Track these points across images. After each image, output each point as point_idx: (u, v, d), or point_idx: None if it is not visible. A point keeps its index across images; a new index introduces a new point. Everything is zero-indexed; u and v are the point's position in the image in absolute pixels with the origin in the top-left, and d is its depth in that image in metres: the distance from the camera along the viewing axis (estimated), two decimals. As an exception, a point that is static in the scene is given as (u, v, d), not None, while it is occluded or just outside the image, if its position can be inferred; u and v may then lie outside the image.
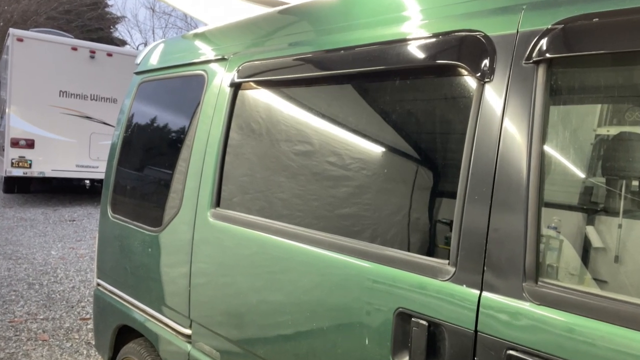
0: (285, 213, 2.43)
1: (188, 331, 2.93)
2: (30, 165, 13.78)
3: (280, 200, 2.47)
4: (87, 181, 18.87)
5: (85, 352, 5.33)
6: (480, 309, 1.68)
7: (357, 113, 2.23)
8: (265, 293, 2.41)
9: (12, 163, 13.56)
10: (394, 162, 2.07)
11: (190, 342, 2.93)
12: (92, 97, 14.50)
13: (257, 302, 2.45)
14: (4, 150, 13.96)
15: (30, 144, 13.73)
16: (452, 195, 1.85)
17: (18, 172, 13.68)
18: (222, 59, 3.02)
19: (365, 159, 2.16)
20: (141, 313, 3.37)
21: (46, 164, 13.97)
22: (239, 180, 2.71)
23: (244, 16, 3.09)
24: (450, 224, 1.85)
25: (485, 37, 1.82)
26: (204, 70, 3.14)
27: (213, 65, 3.08)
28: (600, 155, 1.65)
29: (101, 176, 14.36)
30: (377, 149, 2.13)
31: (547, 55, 1.65)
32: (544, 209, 1.64)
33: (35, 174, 13.89)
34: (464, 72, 1.88)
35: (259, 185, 2.59)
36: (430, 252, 1.91)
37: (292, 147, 2.47)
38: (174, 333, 3.05)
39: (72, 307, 6.61)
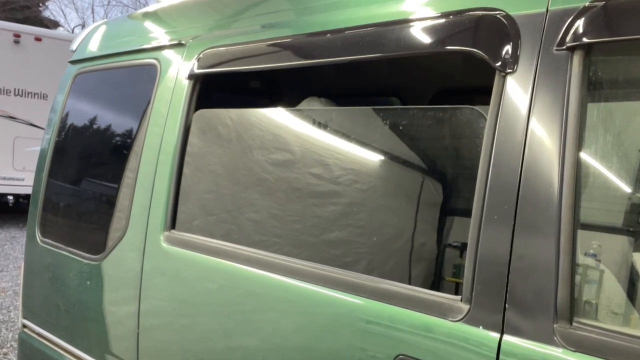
0: (259, 238, 2.42)
1: (137, 385, 2.91)
2: None
3: (252, 223, 2.46)
4: (10, 197, 18.66)
5: (7, 412, 5.28)
6: (501, 356, 1.67)
7: (348, 113, 2.24)
8: (235, 337, 2.40)
9: None
10: (394, 173, 2.07)
11: (139, 399, 2.91)
12: (17, 92, 14.39)
13: (225, 349, 2.44)
14: None
15: None
16: (466, 214, 1.84)
17: None
18: (179, 45, 3.01)
19: (359, 170, 2.16)
20: (78, 362, 3.33)
21: (-44, 176, 13.83)
22: (201, 197, 2.70)
23: (206, -9, 3.09)
24: (463, 251, 1.85)
25: (507, 17, 1.83)
26: (156, 59, 3.13)
27: (167, 53, 3.08)
28: (649, 164, 1.66)
29: (28, 191, 14.10)
30: (373, 158, 2.13)
31: (585, 39, 1.65)
32: (580, 232, 1.64)
33: (-57, 190, 13.75)
34: (481, 61, 1.88)
35: (226, 204, 2.58)
36: (438, 286, 1.91)
37: (268, 155, 2.46)
38: (119, 388, 3.03)
39: (-9, 355, 6.56)
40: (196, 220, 2.70)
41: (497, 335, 1.69)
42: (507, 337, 1.67)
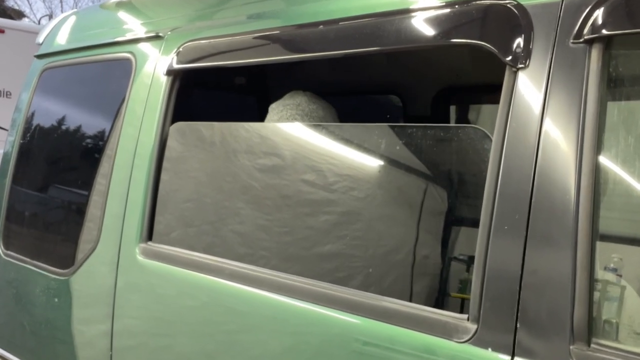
0: (244, 251, 2.42)
1: (110, 414, 2.89)
2: None
3: (237, 234, 2.45)
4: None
5: None
6: (513, 381, 1.67)
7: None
8: (217, 360, 2.39)
9: None
10: (394, 179, 2.07)
11: None
12: (-23, 90, 14.39)
13: (205, 373, 2.43)
14: None
15: None
16: (473, 223, 1.84)
17: None
18: (156, 37, 3.01)
19: (355, 176, 2.15)
20: (44, 388, 3.32)
21: None
22: (181, 206, 2.69)
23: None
24: (470, 264, 1.84)
25: (519, 6, 1.82)
26: (131, 53, 3.12)
27: (143, 46, 3.07)
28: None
29: (-10, 197, 14.13)
30: (370, 162, 2.13)
31: (604, 31, 1.64)
32: (599, 244, 1.64)
33: None
34: (489, 55, 1.88)
35: (208, 213, 2.57)
36: (442, 303, 1.90)
37: (255, 160, 2.46)
38: (90, 416, 3.01)
39: (-51, 380, 6.52)
40: (175, 231, 2.70)
41: (507, 358, 1.68)
42: (518, 360, 1.67)
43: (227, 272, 2.40)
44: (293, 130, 2.39)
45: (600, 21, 1.65)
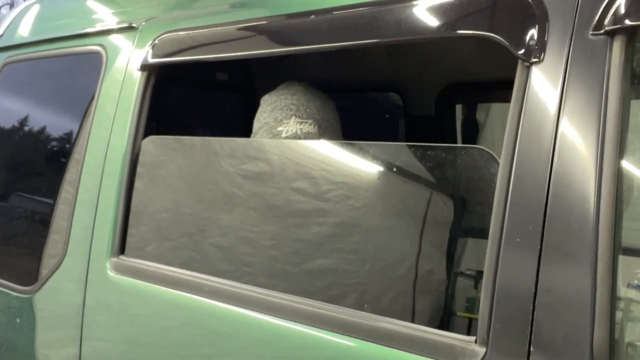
0: (227, 267, 2.41)
1: None
2: None
3: (219, 248, 2.45)
4: None
5: None
6: (526, 411, 1.66)
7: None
8: (196, 388, 2.39)
9: None
10: (394, 185, 2.06)
11: None
12: None
13: (184, 402, 2.43)
14: None
15: None
16: (482, 235, 1.83)
17: None
18: (129, 28, 3.00)
19: (351, 183, 2.15)
20: (5, 419, 3.31)
21: None
22: (157, 217, 2.68)
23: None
24: (478, 281, 1.84)
25: (532, -6, 1.82)
26: (101, 46, 3.11)
27: (115, 38, 3.06)
28: None
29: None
30: (368, 168, 2.12)
31: (627, 22, 1.63)
32: (621, 258, 1.63)
33: None
34: (500, 48, 1.87)
35: (187, 225, 2.57)
36: (447, 324, 1.90)
37: (239, 166, 2.45)
38: None
39: None
40: (150, 245, 2.69)
41: (520, 385, 1.68)
42: (532, 388, 1.66)
43: (208, 290, 2.39)
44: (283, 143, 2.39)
45: (622, 10, 1.64)
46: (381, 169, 2.17)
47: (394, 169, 2.13)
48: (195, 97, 4.00)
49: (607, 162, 1.61)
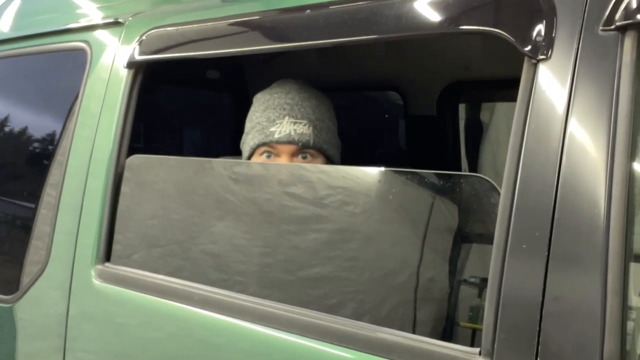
0: (219, 275, 2.41)
1: None
2: None
3: (210, 256, 2.45)
4: None
5: None
6: None
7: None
8: (186, 402, 2.39)
9: None
10: (395, 189, 2.07)
11: None
12: None
13: (173, 418, 2.43)
14: None
15: None
16: (486, 240, 1.84)
17: None
18: (115, 24, 3.00)
19: (350, 188, 2.15)
20: None
21: None
22: (144, 223, 2.68)
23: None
24: (482, 289, 1.84)
25: (539, -11, 1.82)
26: (86, 42, 3.11)
27: (100, 34, 3.06)
28: None
29: None
30: (367, 171, 2.13)
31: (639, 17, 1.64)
32: (633, 265, 1.63)
33: None
34: (505, 44, 1.88)
35: (176, 231, 2.57)
36: (450, 335, 1.90)
37: (230, 170, 2.46)
38: None
39: None
40: (138, 251, 2.69)
41: (526, 399, 1.68)
42: (539, 402, 1.67)
43: (198, 299, 2.39)
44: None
45: (634, 5, 1.64)
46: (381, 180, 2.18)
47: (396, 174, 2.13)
48: (185, 96, 4.00)
49: (617, 164, 1.61)
